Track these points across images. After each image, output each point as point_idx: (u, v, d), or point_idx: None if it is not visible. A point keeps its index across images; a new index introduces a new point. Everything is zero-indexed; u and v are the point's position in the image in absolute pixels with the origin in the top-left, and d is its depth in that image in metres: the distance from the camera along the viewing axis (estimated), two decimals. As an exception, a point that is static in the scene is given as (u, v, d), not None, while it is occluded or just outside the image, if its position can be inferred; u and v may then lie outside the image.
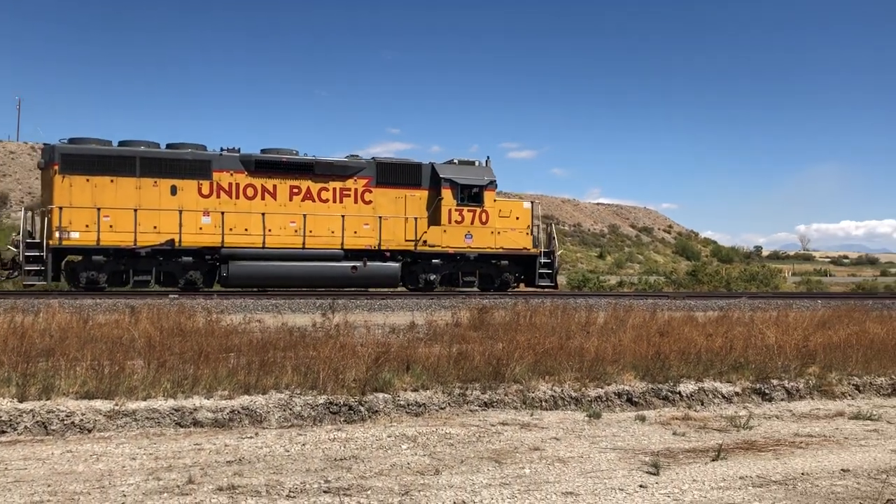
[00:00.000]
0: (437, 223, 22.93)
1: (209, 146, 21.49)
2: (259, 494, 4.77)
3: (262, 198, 21.43)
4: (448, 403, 7.51)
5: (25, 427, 6.23)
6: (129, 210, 19.97)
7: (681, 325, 12.02)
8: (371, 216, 22.40)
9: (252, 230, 21.16)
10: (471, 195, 23.24)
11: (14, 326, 9.10)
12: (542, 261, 23.98)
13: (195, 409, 6.68)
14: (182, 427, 6.51)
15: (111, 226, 19.84)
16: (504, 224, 23.67)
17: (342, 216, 22.02)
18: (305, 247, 21.53)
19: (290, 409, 6.92)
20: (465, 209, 23.17)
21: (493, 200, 23.71)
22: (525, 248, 23.90)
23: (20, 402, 6.47)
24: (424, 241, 22.80)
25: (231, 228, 20.95)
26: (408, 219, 22.69)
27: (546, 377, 8.26)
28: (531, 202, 24.99)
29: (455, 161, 23.91)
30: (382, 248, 22.35)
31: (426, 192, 23.11)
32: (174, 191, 20.56)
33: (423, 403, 7.39)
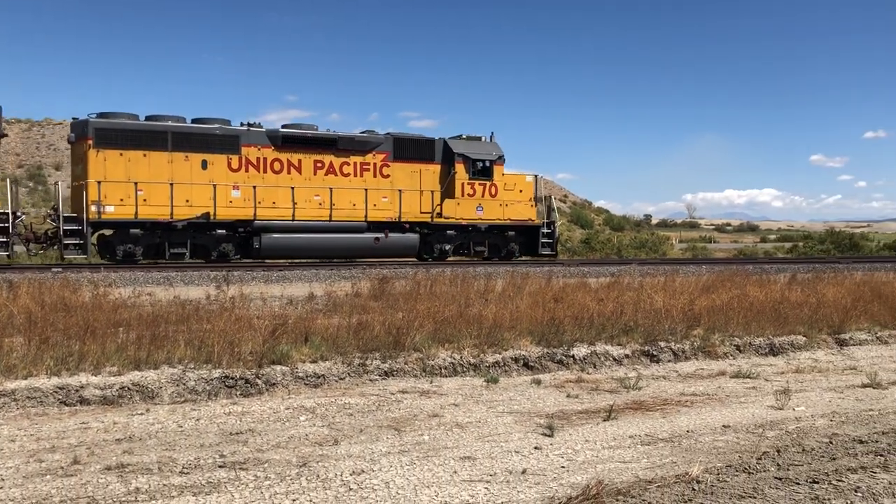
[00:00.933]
0: (451, 196, 24.34)
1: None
2: (151, 472, 4.62)
3: (288, 172, 22.20)
4: (348, 374, 7.47)
5: None
6: (162, 184, 20.41)
7: (575, 291, 12.36)
8: (389, 189, 23.49)
9: (279, 203, 21.92)
10: (481, 169, 24.70)
11: None
12: (545, 231, 25.72)
13: (82, 387, 6.39)
14: (67, 406, 6.22)
15: (145, 199, 20.25)
16: (510, 197, 25.25)
17: (365, 189, 23.01)
18: (332, 219, 22.50)
19: (184, 384, 6.72)
20: (477, 183, 24.67)
21: (502, 174, 25.19)
22: (530, 220, 25.63)
23: None
24: (439, 213, 24.21)
25: (260, 202, 21.63)
26: (423, 192, 23.97)
27: (446, 345, 8.33)
28: (534, 176, 26.26)
29: (463, 136, 25.18)
30: (402, 220, 23.60)
31: (439, 167, 24.36)
32: (205, 165, 21.08)
33: (322, 375, 7.33)
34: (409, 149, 23.93)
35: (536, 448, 5.33)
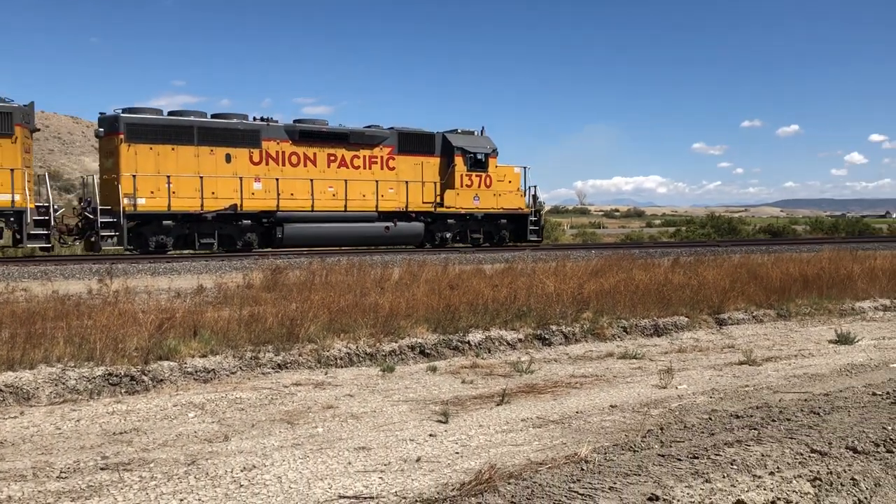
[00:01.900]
0: (451, 187, 26.23)
1: None
2: (25, 479, 4.37)
3: (305, 165, 23.61)
4: (239, 368, 7.29)
5: None
6: (191, 177, 21.44)
7: (470, 278, 12.51)
8: (395, 181, 25.19)
9: (297, 195, 23.27)
10: (478, 162, 26.71)
11: None
12: (532, 219, 27.99)
13: (-53, 391, 5.97)
14: (-69, 412, 5.80)
15: (174, 192, 21.16)
16: (502, 187, 27.43)
17: (375, 181, 24.63)
18: (346, 210, 24.02)
19: (64, 384, 6.39)
20: (474, 174, 26.70)
21: (496, 167, 27.29)
22: (520, 208, 27.89)
23: None
24: (440, 203, 26.00)
25: (281, 193, 22.93)
26: (425, 183, 25.73)
27: (341, 335, 8.26)
28: (522, 167, 28.51)
29: (458, 131, 27.22)
30: (409, 210, 25.34)
31: (439, 160, 26.30)
32: (228, 158, 22.22)
33: (213, 369, 7.13)
34: (413, 142, 25.75)
35: (431, 435, 5.37)
